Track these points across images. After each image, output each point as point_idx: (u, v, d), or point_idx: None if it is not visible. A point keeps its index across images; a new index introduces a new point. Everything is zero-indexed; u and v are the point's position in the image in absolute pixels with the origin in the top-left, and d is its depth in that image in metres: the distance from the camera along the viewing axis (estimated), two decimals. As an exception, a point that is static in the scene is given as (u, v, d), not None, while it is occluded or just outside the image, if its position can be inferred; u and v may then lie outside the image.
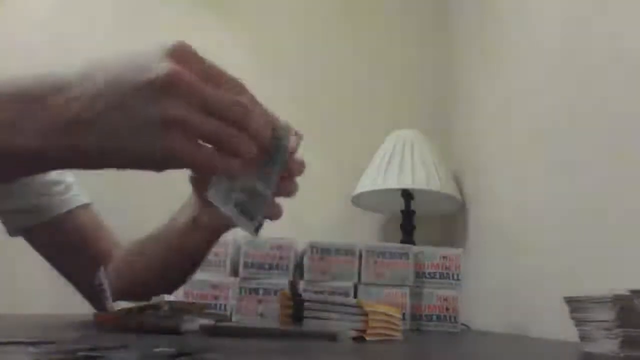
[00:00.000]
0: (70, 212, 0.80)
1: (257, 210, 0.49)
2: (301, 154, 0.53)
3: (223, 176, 0.49)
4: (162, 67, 0.40)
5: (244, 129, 0.42)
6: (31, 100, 0.42)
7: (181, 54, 0.42)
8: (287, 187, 0.52)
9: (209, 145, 0.43)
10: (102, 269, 0.65)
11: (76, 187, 0.82)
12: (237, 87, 0.44)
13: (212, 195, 0.49)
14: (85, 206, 0.82)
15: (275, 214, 0.52)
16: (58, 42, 1.68)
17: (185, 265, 0.75)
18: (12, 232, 0.80)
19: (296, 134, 0.51)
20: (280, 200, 0.52)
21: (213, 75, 0.43)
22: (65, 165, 0.45)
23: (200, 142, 0.42)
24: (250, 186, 0.49)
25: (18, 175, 0.52)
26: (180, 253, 0.72)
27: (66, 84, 0.41)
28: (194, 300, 1.01)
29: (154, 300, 0.60)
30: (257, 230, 0.50)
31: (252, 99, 0.45)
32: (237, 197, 0.49)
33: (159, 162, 0.42)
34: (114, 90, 0.40)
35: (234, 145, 0.42)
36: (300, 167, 0.52)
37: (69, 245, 0.80)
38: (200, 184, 0.63)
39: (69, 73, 0.42)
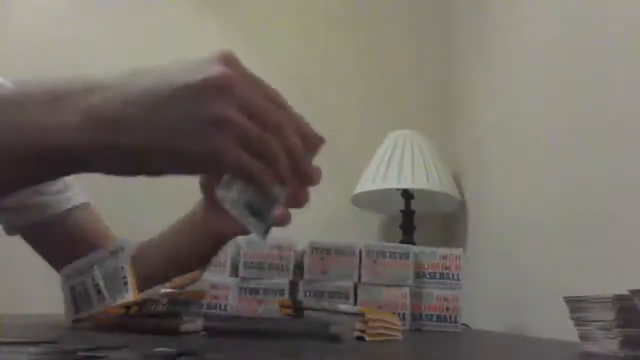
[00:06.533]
0: (68, 211, 0.79)
1: (268, 212, 0.48)
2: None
3: (234, 177, 0.48)
4: (217, 68, 0.40)
5: (280, 142, 0.42)
6: (62, 98, 0.40)
7: (229, 59, 0.41)
8: (299, 196, 0.48)
9: None
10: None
11: (76, 186, 0.82)
12: (277, 94, 0.44)
13: (222, 196, 0.48)
14: (84, 206, 0.82)
15: (284, 219, 0.50)
16: (60, 43, 1.68)
17: (187, 270, 0.74)
18: (10, 230, 0.80)
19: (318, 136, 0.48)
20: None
21: (257, 81, 0.43)
22: (95, 167, 0.42)
23: None
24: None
25: (45, 177, 0.50)
26: (185, 257, 0.72)
27: (101, 84, 0.40)
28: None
29: (151, 293, 0.60)
30: (266, 232, 0.49)
31: (291, 111, 0.44)
32: (251, 199, 0.48)
33: (200, 164, 0.41)
34: (162, 87, 0.39)
35: (269, 153, 0.41)
36: (317, 174, 0.47)
37: (66, 245, 0.80)
38: (211, 189, 0.62)
39: (102, 75, 0.41)
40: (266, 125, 0.41)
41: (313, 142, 0.45)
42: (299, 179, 0.45)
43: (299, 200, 0.48)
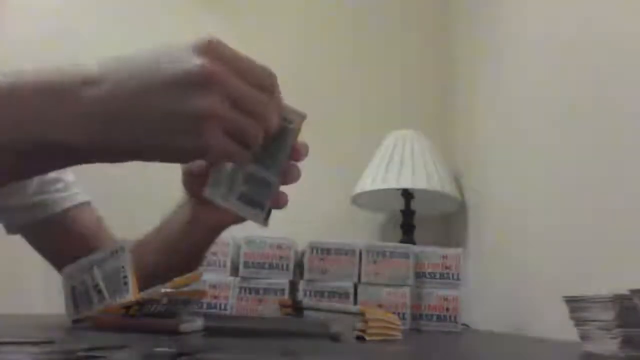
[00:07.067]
0: (68, 210, 0.79)
1: (264, 198, 0.49)
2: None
3: (220, 173, 0.48)
4: (197, 61, 0.41)
5: (258, 121, 0.44)
6: (59, 92, 0.41)
7: (211, 47, 0.42)
8: (291, 172, 0.52)
9: None
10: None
11: (76, 185, 0.82)
12: (262, 76, 0.45)
13: (210, 193, 0.49)
14: (85, 204, 0.82)
15: (281, 202, 0.52)
16: (57, 39, 1.68)
17: (184, 266, 0.74)
18: (10, 229, 0.80)
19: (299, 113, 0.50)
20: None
21: (240, 67, 0.44)
22: (90, 160, 0.44)
23: None
24: (255, 175, 0.49)
25: (42, 171, 0.52)
26: (179, 253, 0.72)
27: (96, 77, 0.42)
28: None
29: (151, 292, 0.60)
30: (266, 219, 0.49)
31: (274, 85, 0.46)
32: (241, 190, 0.48)
33: (188, 155, 0.44)
34: (152, 83, 0.41)
35: (250, 138, 0.44)
36: (304, 149, 0.52)
37: (67, 244, 0.79)
38: (194, 184, 0.62)
39: (95, 67, 0.42)
40: (250, 112, 0.43)
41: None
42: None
43: (292, 175, 0.52)
